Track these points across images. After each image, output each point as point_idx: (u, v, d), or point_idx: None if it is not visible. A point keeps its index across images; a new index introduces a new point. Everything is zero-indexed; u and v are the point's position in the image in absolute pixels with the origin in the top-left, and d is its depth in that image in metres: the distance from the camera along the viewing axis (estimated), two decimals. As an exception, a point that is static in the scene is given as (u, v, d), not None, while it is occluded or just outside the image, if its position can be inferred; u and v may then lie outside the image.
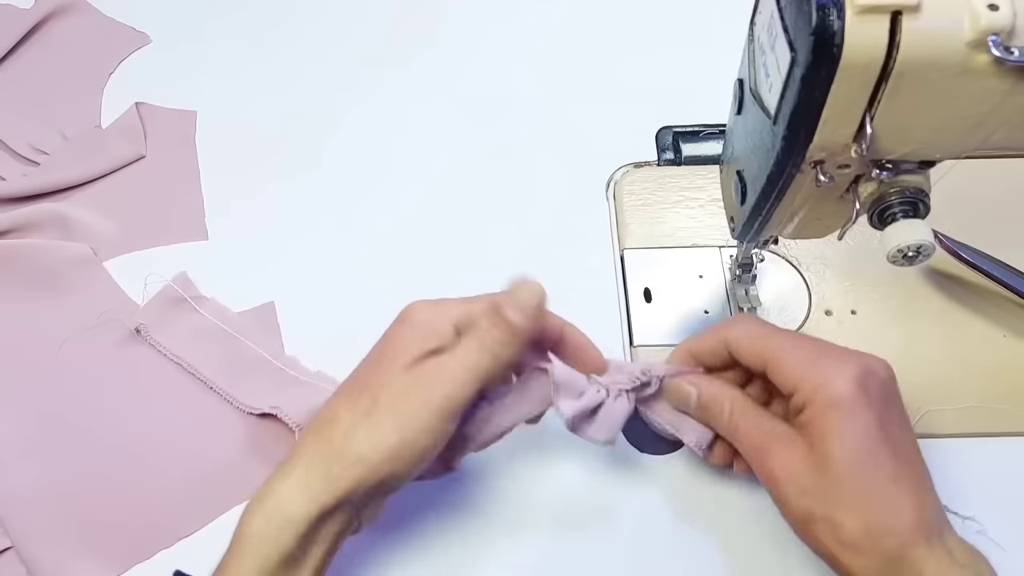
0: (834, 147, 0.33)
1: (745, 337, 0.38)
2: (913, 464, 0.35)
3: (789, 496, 0.35)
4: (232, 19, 0.68)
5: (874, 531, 0.33)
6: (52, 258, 0.52)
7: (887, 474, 0.33)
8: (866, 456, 0.34)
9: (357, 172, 0.58)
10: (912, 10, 0.28)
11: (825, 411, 0.34)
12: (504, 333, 0.37)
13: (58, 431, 0.47)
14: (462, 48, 0.65)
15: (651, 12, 0.67)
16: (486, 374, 0.36)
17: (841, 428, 0.34)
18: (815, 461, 0.34)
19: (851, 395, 0.34)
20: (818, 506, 0.34)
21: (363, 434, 0.34)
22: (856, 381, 0.34)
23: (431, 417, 0.35)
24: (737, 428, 0.38)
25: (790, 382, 0.36)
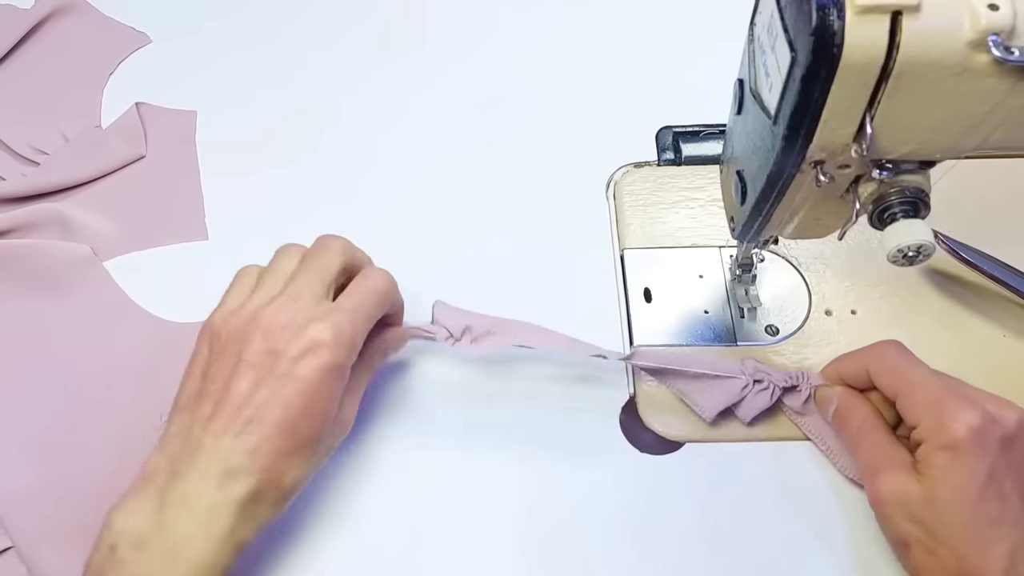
0: (834, 147, 0.33)
1: (884, 368, 0.40)
2: (1021, 511, 0.36)
3: (891, 517, 0.38)
4: (232, 19, 0.68)
5: (965, 568, 0.35)
6: (53, 259, 0.52)
7: (987, 520, 0.35)
8: (971, 502, 0.35)
9: (357, 172, 0.58)
10: (912, 10, 0.29)
11: (938, 452, 0.36)
12: None
13: (59, 431, 0.47)
14: (462, 48, 0.65)
15: (651, 12, 0.67)
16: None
17: (951, 471, 0.36)
18: (923, 492, 0.36)
19: (965, 441, 0.36)
20: (917, 532, 0.36)
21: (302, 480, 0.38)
22: (973, 428, 0.36)
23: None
24: (860, 443, 0.40)
25: (914, 417, 0.38)
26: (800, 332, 0.49)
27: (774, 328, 0.49)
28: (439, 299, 0.47)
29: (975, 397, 0.37)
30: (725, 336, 0.49)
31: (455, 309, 0.46)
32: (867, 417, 0.41)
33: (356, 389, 0.41)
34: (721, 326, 0.49)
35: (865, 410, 0.41)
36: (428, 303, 0.47)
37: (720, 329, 0.49)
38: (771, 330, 0.49)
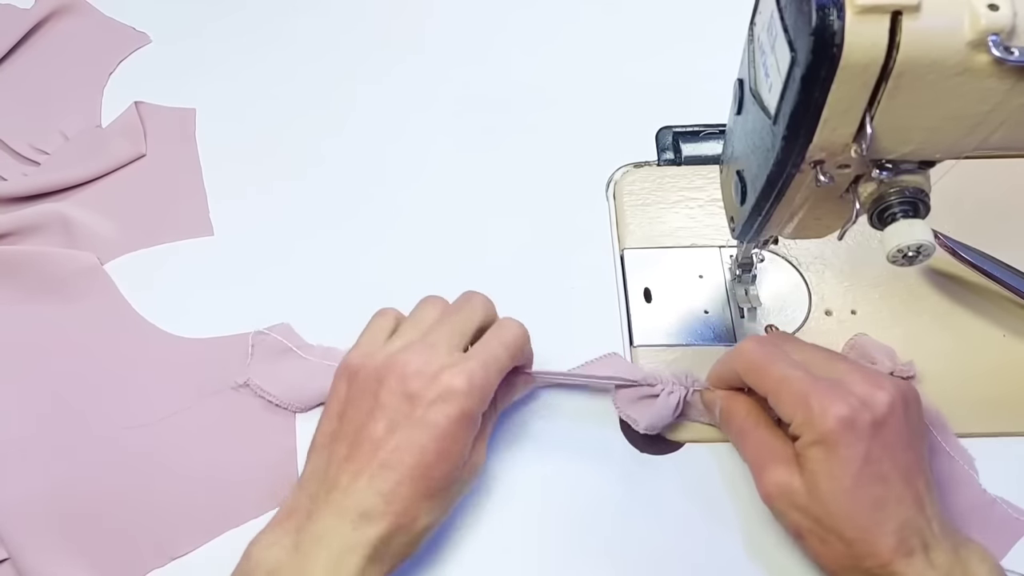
0: (834, 147, 0.33)
1: (748, 368, 0.40)
2: (903, 488, 0.36)
3: (781, 509, 0.38)
4: (232, 19, 0.68)
5: (855, 553, 0.36)
6: (58, 267, 0.52)
7: (869, 503, 0.36)
8: (849, 488, 0.36)
9: (357, 170, 0.58)
10: (912, 10, 0.28)
11: (812, 447, 0.37)
12: None
13: (58, 442, 0.46)
14: (462, 47, 0.65)
15: (651, 12, 0.67)
16: None
17: (826, 463, 0.36)
18: (805, 486, 0.37)
19: (836, 433, 0.36)
20: (806, 523, 0.37)
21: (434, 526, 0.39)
22: (841, 420, 0.36)
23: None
24: (743, 441, 0.41)
25: (785, 415, 0.38)
26: (800, 332, 0.49)
27: (774, 328, 0.49)
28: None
29: (842, 384, 0.37)
30: (725, 336, 0.49)
31: None
32: (748, 415, 0.41)
33: (485, 434, 0.42)
34: (721, 326, 0.49)
35: (745, 408, 0.42)
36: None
37: (720, 329, 0.49)
38: (771, 330, 0.49)
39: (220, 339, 0.50)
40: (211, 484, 0.45)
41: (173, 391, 0.48)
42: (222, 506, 0.44)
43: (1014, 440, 0.45)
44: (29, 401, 0.48)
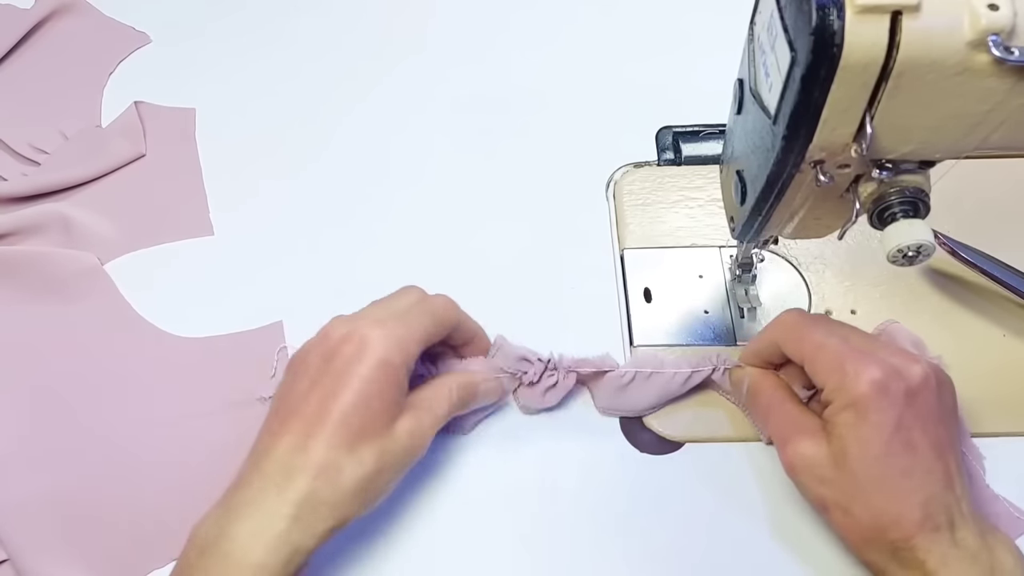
0: (834, 147, 0.33)
1: (788, 336, 0.41)
2: (931, 463, 0.36)
3: (804, 483, 0.38)
4: (232, 19, 0.68)
5: (881, 524, 0.36)
6: (58, 267, 0.52)
7: (897, 472, 0.36)
8: (879, 455, 0.36)
9: (357, 170, 0.58)
10: (912, 10, 0.28)
11: (844, 410, 0.37)
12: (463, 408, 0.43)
13: (59, 442, 0.46)
14: (462, 47, 0.65)
15: (651, 12, 0.67)
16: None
17: (857, 427, 0.36)
18: (833, 454, 0.37)
19: (869, 397, 0.36)
20: (831, 495, 0.37)
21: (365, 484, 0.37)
22: (876, 383, 0.36)
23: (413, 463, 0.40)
24: (769, 416, 0.41)
25: (820, 380, 0.38)
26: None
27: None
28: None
29: (878, 353, 0.38)
30: (725, 336, 0.49)
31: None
32: (775, 391, 0.42)
33: (426, 409, 0.40)
34: (721, 326, 0.49)
35: (772, 385, 0.42)
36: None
37: (720, 329, 0.49)
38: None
39: (220, 338, 0.50)
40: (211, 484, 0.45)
41: (173, 391, 0.48)
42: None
43: (1014, 440, 0.45)
44: (29, 401, 0.48)
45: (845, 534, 0.37)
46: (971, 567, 0.35)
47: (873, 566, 0.37)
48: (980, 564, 0.35)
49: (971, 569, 0.35)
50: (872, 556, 0.37)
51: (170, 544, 0.43)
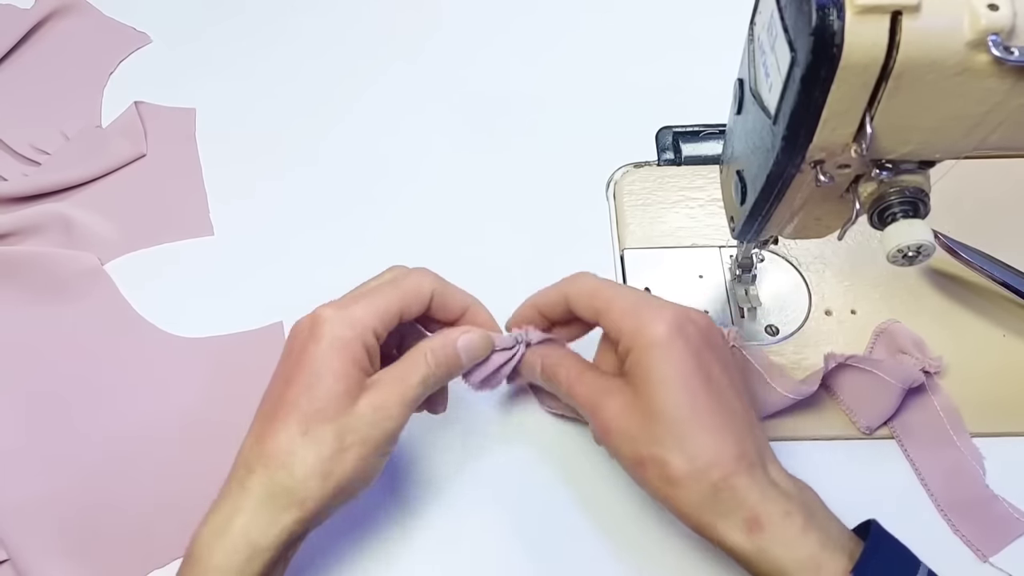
0: (834, 147, 0.33)
1: (581, 292, 0.40)
2: (733, 402, 0.37)
3: (620, 444, 0.37)
4: (232, 19, 0.68)
5: (697, 465, 0.35)
6: (59, 267, 0.52)
7: (706, 409, 0.35)
8: (685, 392, 0.35)
9: (357, 170, 0.58)
10: (912, 10, 0.29)
11: (645, 352, 0.36)
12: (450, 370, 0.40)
13: (59, 442, 0.46)
14: (462, 48, 0.65)
15: (651, 12, 0.67)
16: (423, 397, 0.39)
17: (660, 365, 0.36)
18: (640, 406, 0.36)
19: (668, 335, 0.36)
20: (645, 448, 0.36)
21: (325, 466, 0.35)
22: (673, 323, 0.36)
23: (383, 447, 0.37)
24: (573, 390, 0.40)
25: (615, 330, 0.38)
26: (800, 332, 0.49)
27: (774, 328, 0.49)
28: None
29: (666, 302, 0.38)
30: (725, 336, 0.49)
31: None
32: (572, 365, 0.40)
33: (394, 381, 0.38)
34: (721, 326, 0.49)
35: (564, 356, 0.41)
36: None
37: (720, 329, 0.49)
38: (771, 330, 0.49)
39: (220, 339, 0.50)
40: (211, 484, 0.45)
41: (173, 391, 0.48)
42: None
43: (1014, 440, 0.45)
44: (30, 401, 0.48)
45: (662, 489, 0.36)
46: (788, 502, 0.34)
47: (695, 519, 0.35)
48: (794, 499, 0.35)
49: (789, 504, 0.34)
50: (692, 508, 0.35)
51: (170, 544, 0.43)
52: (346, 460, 0.35)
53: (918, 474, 0.44)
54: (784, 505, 0.34)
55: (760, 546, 0.34)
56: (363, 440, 0.36)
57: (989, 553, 0.41)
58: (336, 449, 0.35)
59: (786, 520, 0.34)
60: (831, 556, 0.33)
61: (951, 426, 0.44)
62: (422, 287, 0.40)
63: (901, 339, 0.47)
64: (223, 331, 0.50)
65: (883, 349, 0.47)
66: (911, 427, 0.45)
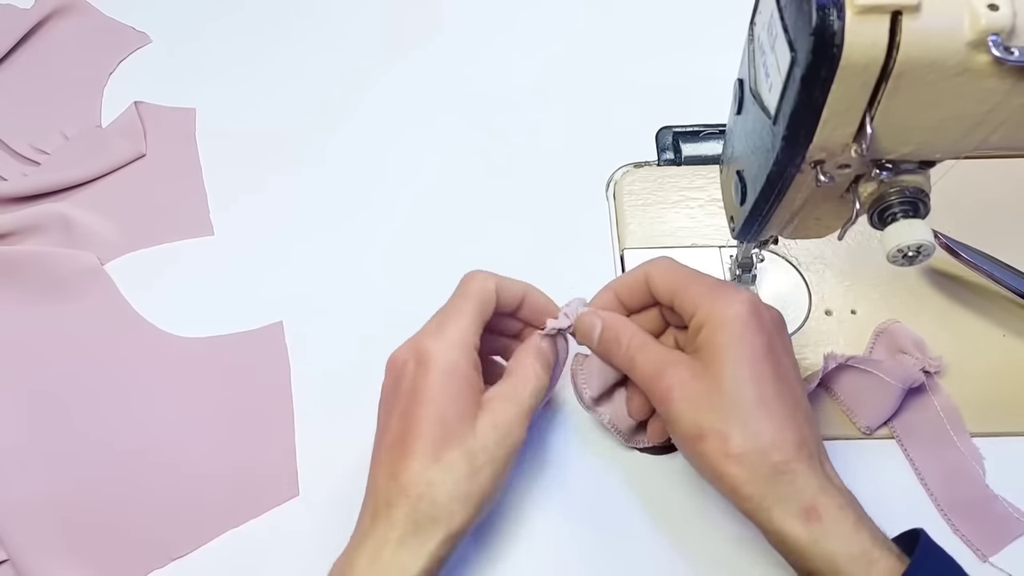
0: (834, 147, 0.33)
1: (660, 272, 0.41)
2: (797, 391, 0.37)
3: (681, 412, 0.37)
4: (232, 19, 0.68)
5: (759, 444, 0.35)
6: (59, 267, 0.52)
7: (773, 392, 0.36)
8: (755, 372, 0.36)
9: (358, 169, 0.58)
10: (912, 10, 0.28)
11: (720, 328, 0.37)
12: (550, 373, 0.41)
13: (58, 442, 0.46)
14: (463, 48, 0.65)
15: (651, 12, 0.67)
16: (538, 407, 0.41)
17: (734, 342, 0.36)
18: (708, 377, 0.37)
19: (744, 315, 0.37)
20: (707, 420, 0.36)
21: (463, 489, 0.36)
22: (750, 306, 0.37)
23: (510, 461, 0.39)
24: (634, 359, 0.40)
25: (691, 306, 0.39)
26: (800, 332, 0.49)
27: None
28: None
29: (743, 288, 0.39)
30: (725, 336, 0.49)
31: None
32: (635, 334, 0.40)
33: (507, 397, 0.39)
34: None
35: (631, 328, 0.41)
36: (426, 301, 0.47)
37: (720, 329, 0.49)
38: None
39: (220, 339, 0.50)
40: (211, 484, 0.45)
41: (173, 391, 0.48)
42: (222, 506, 0.44)
43: (1014, 440, 0.45)
44: (30, 401, 0.48)
45: (720, 465, 0.36)
46: (842, 497, 0.35)
47: (751, 502, 0.35)
48: (847, 496, 0.35)
49: (842, 499, 0.35)
50: (751, 488, 0.35)
51: (170, 544, 0.43)
52: (481, 480, 0.37)
53: (918, 474, 0.44)
54: (839, 499, 0.35)
55: (815, 537, 0.34)
56: (492, 459, 0.37)
57: (989, 553, 0.41)
58: (469, 472, 0.37)
59: (841, 513, 0.35)
60: (882, 553, 0.34)
61: (951, 426, 0.44)
62: (488, 291, 0.41)
63: (901, 339, 0.47)
64: (223, 331, 0.50)
65: (883, 349, 0.47)
66: (911, 427, 0.45)
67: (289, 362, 0.49)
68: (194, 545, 0.43)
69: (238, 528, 0.44)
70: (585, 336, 0.42)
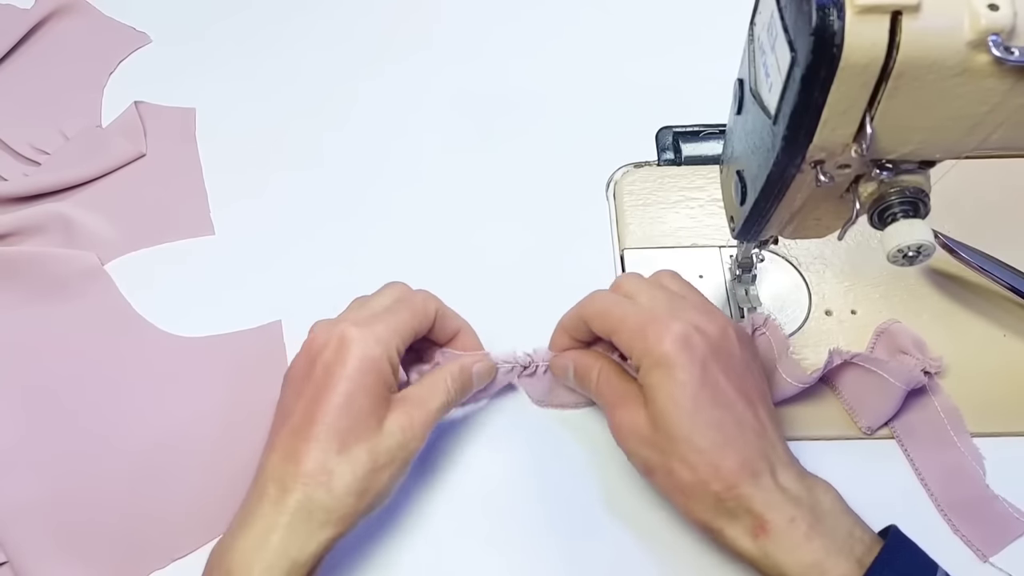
0: (834, 147, 0.33)
1: (595, 312, 0.41)
2: (741, 411, 0.37)
3: (631, 448, 0.39)
4: (232, 19, 0.68)
5: (701, 477, 0.36)
6: (58, 267, 0.52)
7: (709, 424, 0.36)
8: (687, 409, 0.36)
9: (358, 169, 0.58)
10: (912, 10, 0.28)
11: (651, 371, 0.38)
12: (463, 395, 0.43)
13: (58, 442, 0.46)
14: (463, 47, 0.65)
15: (651, 12, 0.67)
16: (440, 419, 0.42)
17: (664, 383, 0.37)
18: (650, 416, 0.38)
19: (671, 354, 0.37)
20: (654, 456, 0.38)
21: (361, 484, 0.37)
22: (677, 341, 0.37)
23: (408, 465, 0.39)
24: (600, 391, 0.42)
25: (627, 348, 0.39)
26: (800, 332, 0.49)
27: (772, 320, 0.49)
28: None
29: (678, 313, 0.39)
30: (725, 336, 0.49)
31: None
32: (602, 368, 0.42)
33: (418, 403, 0.40)
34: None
35: (594, 360, 0.42)
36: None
37: (720, 329, 0.49)
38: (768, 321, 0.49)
39: (218, 338, 0.50)
40: (211, 483, 0.45)
41: (173, 391, 0.48)
42: (222, 505, 0.44)
43: (1014, 440, 0.45)
44: (29, 401, 0.48)
45: (672, 495, 0.38)
46: (795, 508, 0.35)
47: (703, 525, 0.37)
48: (802, 505, 0.36)
49: (796, 510, 0.35)
50: (700, 513, 0.37)
51: (170, 544, 0.43)
52: (380, 478, 0.37)
53: (918, 474, 0.44)
54: (790, 511, 0.35)
55: (765, 551, 0.35)
56: (393, 459, 0.38)
57: (989, 553, 0.41)
58: (370, 468, 0.37)
59: (791, 526, 0.35)
60: (836, 562, 0.34)
61: (951, 426, 0.44)
62: (429, 309, 0.43)
63: (902, 339, 0.47)
64: (223, 331, 0.50)
65: (883, 349, 0.47)
66: (912, 427, 0.45)
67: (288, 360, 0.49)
68: (195, 545, 0.43)
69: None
70: (561, 375, 0.44)
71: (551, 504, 0.44)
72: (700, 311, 0.39)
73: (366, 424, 0.38)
